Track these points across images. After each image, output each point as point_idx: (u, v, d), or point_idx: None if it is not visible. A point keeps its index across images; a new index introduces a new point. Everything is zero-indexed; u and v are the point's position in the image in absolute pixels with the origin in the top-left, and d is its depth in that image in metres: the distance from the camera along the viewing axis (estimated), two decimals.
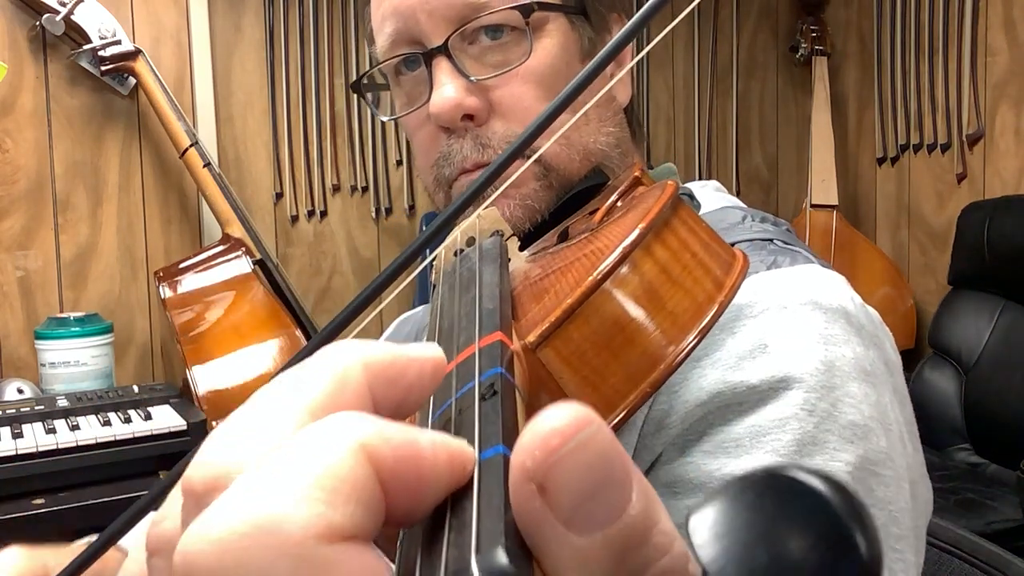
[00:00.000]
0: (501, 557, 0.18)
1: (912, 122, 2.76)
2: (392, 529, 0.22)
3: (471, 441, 0.23)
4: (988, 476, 2.23)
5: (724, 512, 0.19)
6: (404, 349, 0.25)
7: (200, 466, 0.23)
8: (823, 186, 2.78)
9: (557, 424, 0.19)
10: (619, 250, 0.34)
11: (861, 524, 0.18)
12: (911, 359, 2.55)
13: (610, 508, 0.19)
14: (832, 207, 2.78)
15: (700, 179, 0.80)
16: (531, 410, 0.27)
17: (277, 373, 0.25)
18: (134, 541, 0.44)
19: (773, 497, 0.19)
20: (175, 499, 0.24)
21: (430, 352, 0.25)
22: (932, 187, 2.74)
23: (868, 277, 2.68)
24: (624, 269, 0.34)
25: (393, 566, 0.21)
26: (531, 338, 0.33)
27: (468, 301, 0.35)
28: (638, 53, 0.74)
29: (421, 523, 0.22)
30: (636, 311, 0.34)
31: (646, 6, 0.34)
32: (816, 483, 0.19)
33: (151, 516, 0.27)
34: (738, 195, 2.64)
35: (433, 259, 0.50)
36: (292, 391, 0.23)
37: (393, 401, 0.24)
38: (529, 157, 0.52)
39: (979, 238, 2.35)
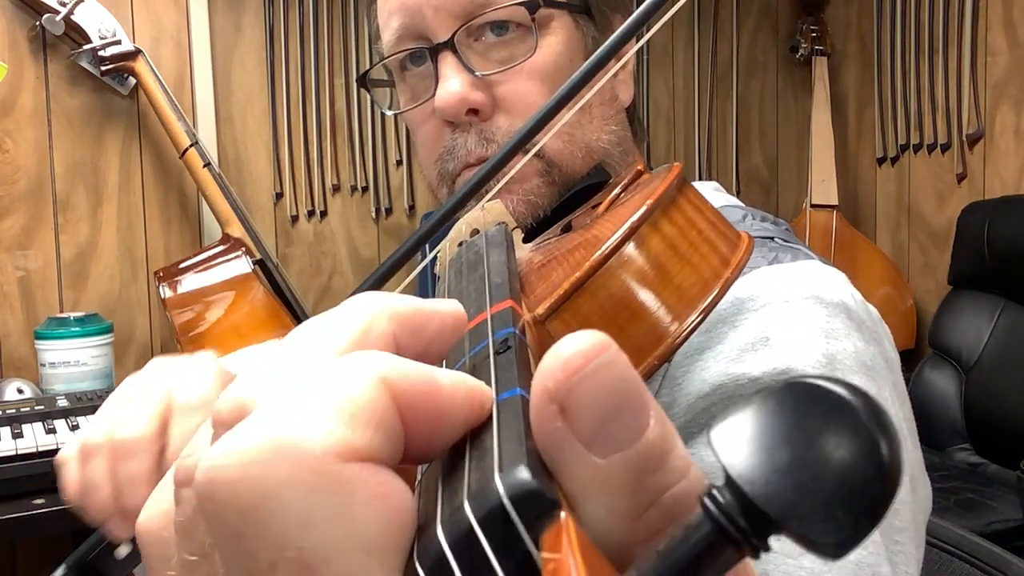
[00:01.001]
0: (524, 473, 0.19)
1: (912, 122, 2.76)
2: (411, 463, 0.22)
3: (488, 385, 0.23)
4: (988, 476, 2.23)
5: (746, 419, 0.19)
6: (428, 302, 0.26)
7: (228, 397, 0.24)
8: (823, 186, 2.78)
9: (579, 347, 0.20)
10: (627, 226, 0.35)
11: (883, 428, 0.18)
12: (911, 359, 2.55)
13: (629, 430, 0.20)
14: (832, 207, 2.78)
15: (700, 179, 0.80)
16: None
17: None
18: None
19: (794, 403, 0.19)
20: (202, 435, 0.25)
21: (452, 307, 0.26)
22: (932, 187, 2.74)
23: (868, 277, 2.68)
24: (632, 244, 0.35)
25: (412, 491, 0.21)
26: (540, 310, 0.33)
27: (476, 278, 0.35)
28: (637, 43, 0.74)
29: (440, 458, 0.22)
30: (643, 285, 0.35)
31: (645, 4, 0.35)
32: (837, 388, 0.19)
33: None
34: (738, 195, 2.64)
35: (437, 253, 0.50)
36: (320, 335, 0.24)
37: (415, 351, 0.25)
38: (530, 151, 0.52)
39: (979, 238, 2.35)
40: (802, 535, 0.18)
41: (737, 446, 0.19)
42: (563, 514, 0.19)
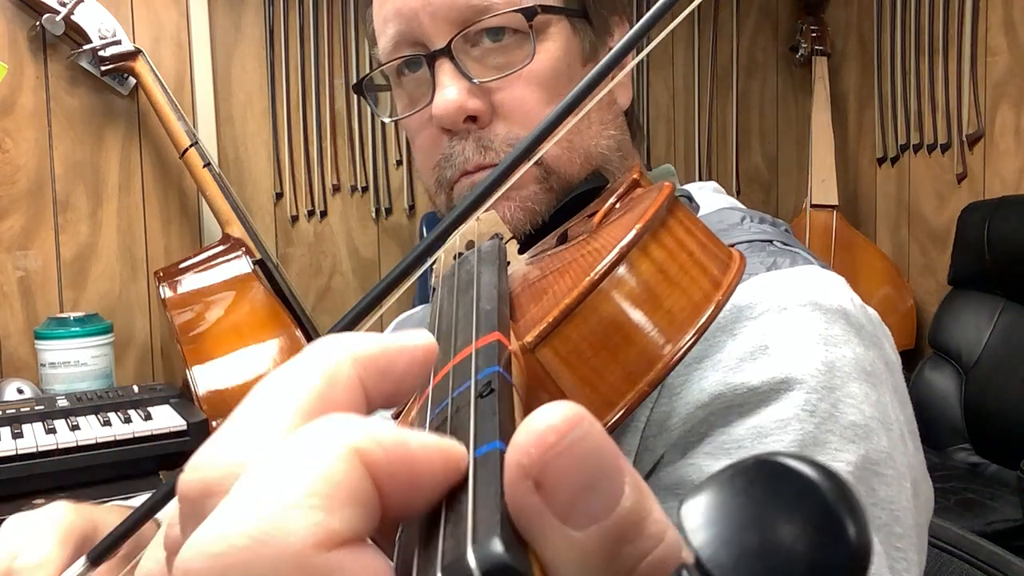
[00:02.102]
0: (497, 546, 0.19)
1: (912, 122, 2.76)
2: (389, 525, 0.22)
3: (467, 437, 0.23)
4: (988, 476, 2.23)
5: (715, 498, 0.19)
6: (393, 338, 0.25)
7: (194, 471, 0.23)
8: (823, 186, 2.78)
9: (552, 421, 0.20)
10: (616, 251, 0.35)
11: (850, 509, 0.18)
12: (911, 359, 2.55)
13: (605, 501, 0.19)
14: (832, 207, 2.78)
15: (700, 179, 0.80)
16: (529, 410, 0.27)
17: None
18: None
19: (763, 483, 0.19)
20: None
21: (419, 340, 0.25)
22: (932, 187, 2.74)
23: (868, 277, 2.68)
24: (621, 269, 0.35)
25: (392, 563, 0.21)
26: (529, 338, 0.33)
27: (466, 303, 0.35)
28: (637, 55, 0.74)
29: (418, 519, 0.22)
30: (633, 311, 0.34)
31: (653, 9, 0.35)
32: (805, 469, 0.19)
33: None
34: (738, 195, 2.64)
35: (433, 263, 0.50)
36: (282, 393, 0.24)
37: (386, 392, 0.24)
38: (532, 159, 0.52)
39: (979, 238, 2.35)
40: None
41: (706, 526, 0.19)
42: None
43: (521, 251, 0.53)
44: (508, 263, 0.49)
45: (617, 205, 0.51)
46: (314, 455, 0.20)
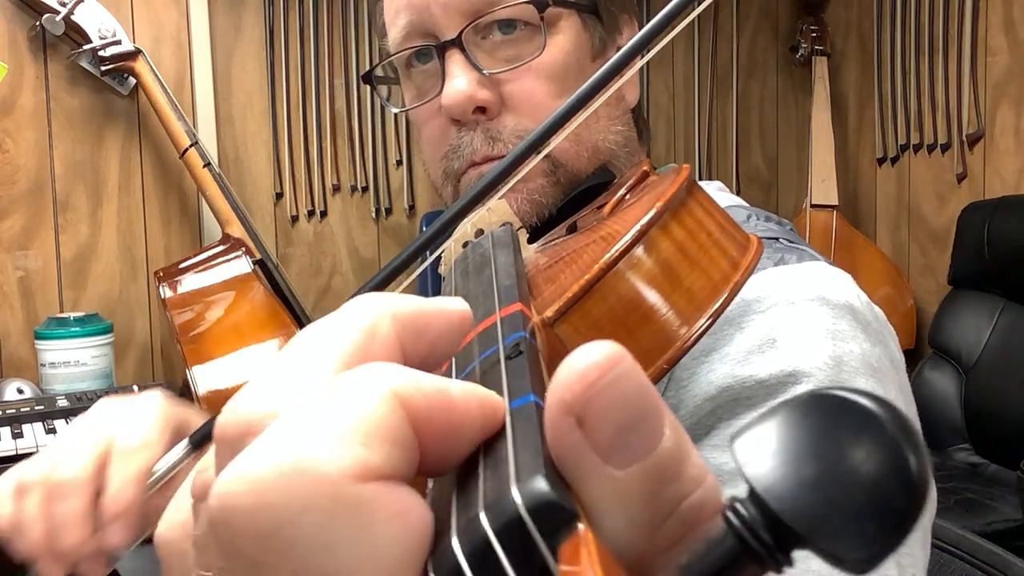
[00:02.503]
0: (542, 483, 0.18)
1: (912, 122, 2.76)
2: (425, 476, 0.22)
3: (501, 393, 0.23)
4: (988, 476, 2.23)
5: (770, 430, 0.19)
6: (430, 301, 0.25)
7: (232, 413, 0.23)
8: (823, 186, 2.78)
9: (594, 358, 0.20)
10: (637, 228, 0.34)
11: (911, 441, 0.18)
12: (911, 359, 2.55)
13: (646, 440, 0.19)
14: (832, 207, 2.78)
15: (700, 179, 0.80)
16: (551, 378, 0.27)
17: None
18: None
19: (820, 415, 0.19)
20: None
21: (456, 305, 0.25)
22: (932, 187, 2.74)
23: (868, 277, 2.68)
24: (641, 247, 0.34)
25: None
26: (549, 313, 0.33)
27: (484, 280, 0.35)
28: (645, 56, 0.74)
29: (451, 472, 0.21)
30: (653, 288, 0.34)
31: (668, 7, 0.35)
32: (865, 401, 0.18)
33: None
34: (738, 195, 2.64)
35: (441, 252, 0.50)
36: (323, 342, 0.24)
37: (421, 352, 0.24)
38: (539, 153, 0.52)
39: (979, 238, 2.35)
40: (830, 551, 0.17)
41: (761, 458, 0.19)
42: (582, 526, 0.18)
43: (530, 242, 0.53)
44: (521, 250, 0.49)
45: (628, 196, 0.51)
46: (355, 396, 0.21)
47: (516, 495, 0.18)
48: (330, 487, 0.19)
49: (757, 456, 0.19)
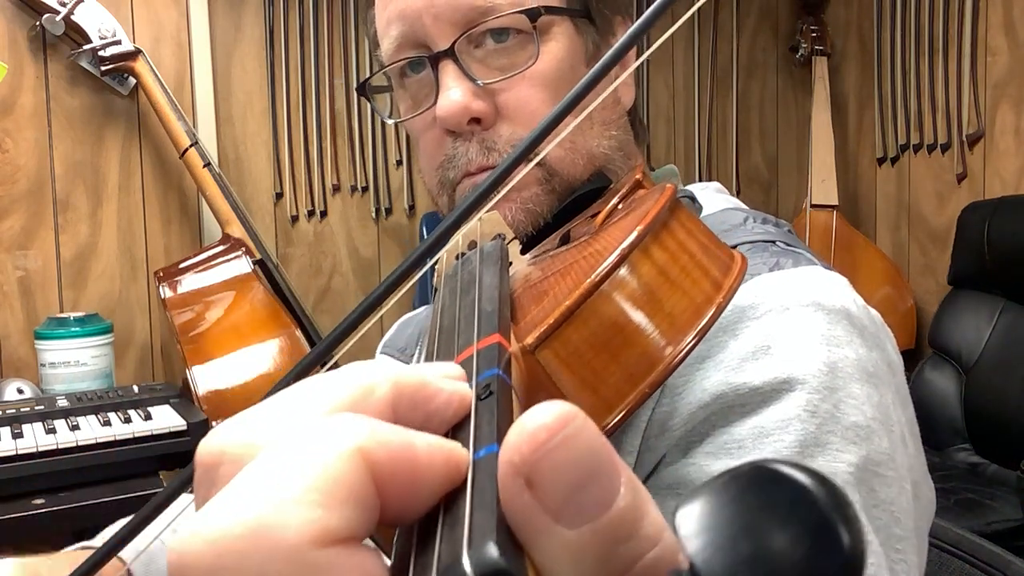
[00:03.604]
0: (492, 551, 0.19)
1: (912, 122, 2.76)
2: (387, 528, 0.22)
3: (467, 440, 0.23)
4: (988, 476, 2.23)
5: (710, 505, 0.19)
6: (435, 377, 0.25)
7: (213, 438, 0.24)
8: (823, 186, 2.78)
9: (543, 420, 0.20)
10: (617, 253, 0.34)
11: (844, 517, 0.18)
12: (911, 359, 2.55)
13: (598, 500, 0.19)
14: (832, 207, 2.78)
15: (700, 179, 0.80)
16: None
17: (278, 373, 0.25)
18: (132, 553, 0.43)
19: (757, 490, 0.19)
20: None
21: (458, 389, 0.25)
22: (932, 187, 2.74)
23: (868, 277, 2.68)
24: (622, 271, 0.34)
25: (388, 562, 0.21)
26: (529, 340, 0.33)
27: (468, 303, 0.35)
28: (640, 56, 0.74)
29: (416, 522, 0.22)
30: (634, 313, 0.34)
31: (650, 9, 0.35)
32: (799, 476, 0.19)
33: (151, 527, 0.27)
34: (738, 195, 2.64)
35: (435, 263, 0.50)
36: (316, 391, 0.24)
37: (414, 422, 0.25)
38: (534, 160, 0.52)
39: (979, 238, 2.35)
40: None
41: (700, 532, 0.19)
42: None
43: (523, 251, 0.53)
44: (510, 264, 0.49)
45: (619, 206, 0.51)
46: (319, 451, 0.21)
47: (466, 563, 0.18)
48: (289, 552, 0.19)
49: (696, 530, 0.19)
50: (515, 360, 0.30)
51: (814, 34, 2.84)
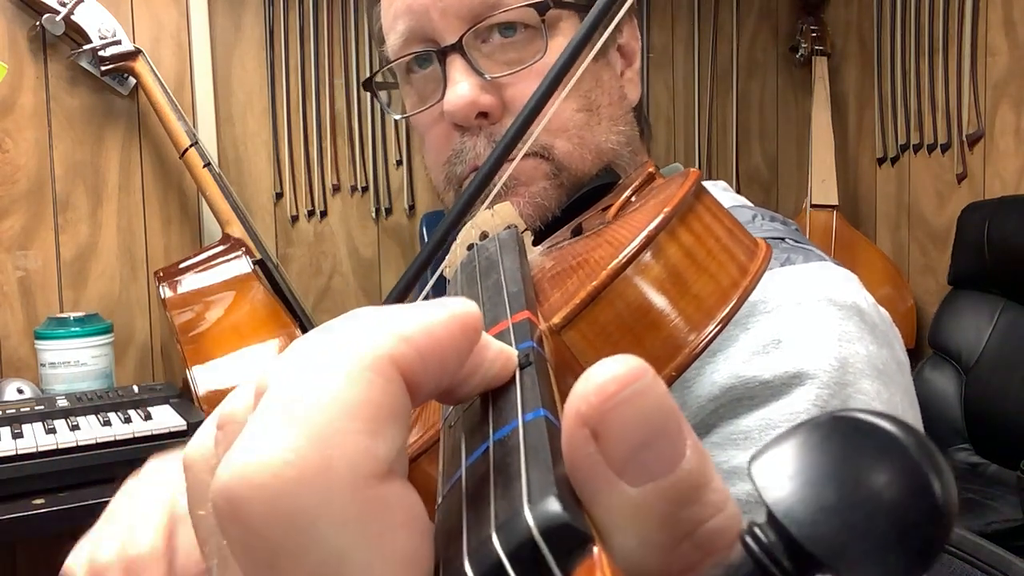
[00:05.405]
0: (555, 505, 0.18)
1: (912, 122, 2.76)
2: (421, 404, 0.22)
3: (514, 404, 0.23)
4: (988, 476, 2.23)
5: (789, 453, 0.18)
6: (439, 311, 0.24)
7: (229, 407, 0.24)
8: (823, 186, 2.78)
9: (614, 372, 0.19)
10: (644, 234, 0.34)
11: (935, 466, 0.18)
12: (911, 359, 2.54)
13: (664, 459, 0.19)
14: (832, 207, 2.78)
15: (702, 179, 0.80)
16: (559, 392, 0.26)
17: None
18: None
19: (841, 438, 0.18)
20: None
21: (506, 347, 0.25)
22: (932, 187, 2.74)
23: (868, 277, 2.66)
24: (649, 253, 0.34)
25: (432, 523, 0.21)
26: (556, 320, 0.32)
27: (491, 285, 0.35)
28: (641, 55, 0.74)
29: (463, 483, 0.21)
30: (661, 295, 0.34)
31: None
32: (887, 424, 0.18)
33: None
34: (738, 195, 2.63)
35: (447, 253, 0.50)
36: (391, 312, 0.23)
37: (458, 373, 0.24)
38: (531, 149, 0.51)
39: (979, 238, 2.35)
40: None
41: (780, 481, 0.18)
42: (596, 548, 0.18)
43: (535, 244, 0.53)
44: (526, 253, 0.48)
45: (633, 198, 0.51)
46: (352, 366, 0.20)
47: (529, 517, 0.18)
48: (346, 492, 0.19)
49: (776, 479, 0.18)
50: (544, 338, 0.30)
51: (814, 34, 2.84)
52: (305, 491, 0.18)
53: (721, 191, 0.74)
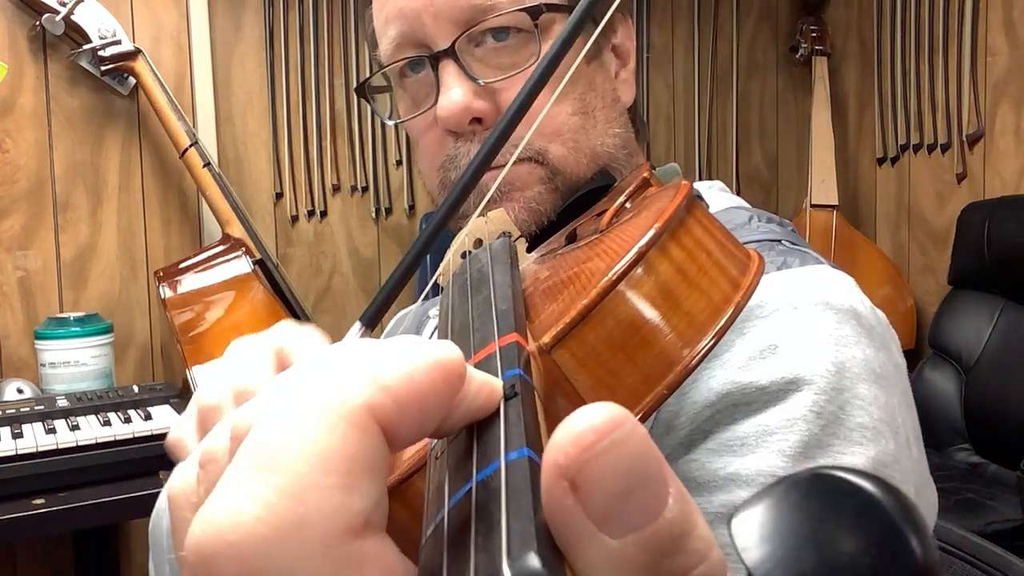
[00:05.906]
0: (533, 561, 0.18)
1: (912, 122, 2.76)
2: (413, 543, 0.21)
3: (496, 442, 0.22)
4: (988, 476, 2.23)
5: (769, 513, 0.18)
6: (421, 361, 0.24)
7: (208, 447, 0.23)
8: (823, 186, 2.78)
9: (592, 421, 0.19)
10: (634, 250, 0.33)
11: (914, 526, 0.17)
12: (911, 359, 2.55)
13: (645, 509, 0.19)
14: (832, 207, 2.78)
15: (700, 179, 0.80)
16: (547, 413, 0.26)
17: None
18: None
19: (820, 498, 0.18)
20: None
21: (490, 379, 0.25)
22: (932, 187, 2.74)
23: (868, 277, 2.67)
24: (640, 269, 0.33)
25: (416, 568, 0.20)
26: (545, 339, 0.32)
27: (481, 301, 0.34)
28: (640, 55, 0.74)
29: (445, 527, 0.21)
30: (652, 312, 0.33)
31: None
32: (866, 484, 0.18)
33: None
34: (738, 195, 2.63)
35: (443, 261, 0.49)
36: (365, 352, 0.23)
37: (440, 410, 0.24)
38: (523, 149, 0.51)
39: (979, 238, 2.35)
40: None
41: (759, 542, 0.18)
42: None
43: (529, 250, 0.52)
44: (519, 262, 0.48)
45: (627, 204, 0.50)
46: (326, 418, 0.20)
47: (508, 573, 0.17)
48: (320, 551, 0.18)
49: (755, 540, 0.18)
50: (533, 359, 0.30)
51: (814, 34, 2.84)
52: (277, 549, 0.18)
53: (718, 192, 0.74)
